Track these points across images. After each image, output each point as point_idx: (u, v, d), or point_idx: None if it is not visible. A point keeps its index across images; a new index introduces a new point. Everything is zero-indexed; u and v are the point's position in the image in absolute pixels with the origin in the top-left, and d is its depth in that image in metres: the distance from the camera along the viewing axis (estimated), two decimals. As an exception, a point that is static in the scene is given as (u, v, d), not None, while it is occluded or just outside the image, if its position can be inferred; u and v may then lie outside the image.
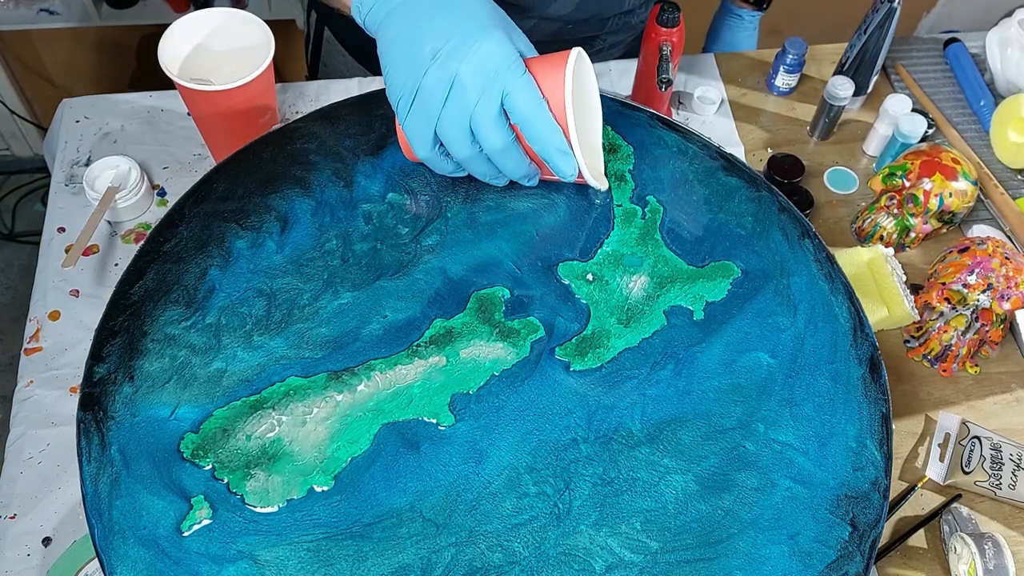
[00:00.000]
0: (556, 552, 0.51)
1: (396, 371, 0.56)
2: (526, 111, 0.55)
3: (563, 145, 0.56)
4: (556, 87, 0.56)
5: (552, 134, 0.56)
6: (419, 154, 0.59)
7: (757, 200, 0.66)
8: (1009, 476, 0.73)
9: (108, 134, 0.92)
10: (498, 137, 0.56)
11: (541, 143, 0.56)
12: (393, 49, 0.57)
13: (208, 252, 0.61)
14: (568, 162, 0.57)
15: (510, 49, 0.55)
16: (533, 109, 0.55)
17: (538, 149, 0.56)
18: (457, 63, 0.54)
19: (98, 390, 0.55)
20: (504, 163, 0.58)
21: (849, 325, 0.60)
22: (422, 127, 0.57)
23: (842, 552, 0.52)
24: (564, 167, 0.57)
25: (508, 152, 0.57)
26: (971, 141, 0.98)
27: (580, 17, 0.91)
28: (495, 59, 0.54)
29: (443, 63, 0.54)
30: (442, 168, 0.60)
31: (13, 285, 1.79)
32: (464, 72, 0.54)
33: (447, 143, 0.57)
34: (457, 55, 0.54)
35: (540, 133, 0.55)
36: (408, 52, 0.56)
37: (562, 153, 0.56)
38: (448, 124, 0.56)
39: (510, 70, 0.54)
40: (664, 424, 0.56)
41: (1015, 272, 0.79)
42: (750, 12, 1.13)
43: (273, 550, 0.50)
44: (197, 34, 0.81)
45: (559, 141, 0.56)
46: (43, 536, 0.68)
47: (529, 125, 0.55)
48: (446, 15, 0.56)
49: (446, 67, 0.54)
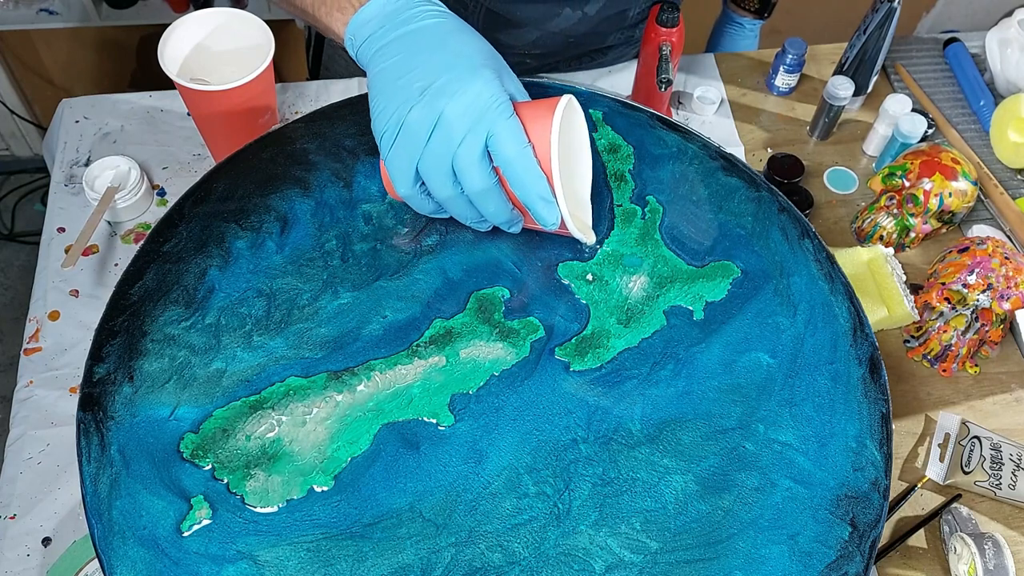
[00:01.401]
0: (556, 552, 0.51)
1: (396, 371, 0.56)
2: (509, 154, 0.53)
3: (546, 192, 0.54)
4: (543, 133, 0.54)
5: (535, 180, 0.54)
6: (400, 191, 0.57)
7: (757, 200, 0.66)
8: (1009, 476, 0.73)
9: (108, 134, 0.92)
10: (480, 179, 0.54)
11: (523, 188, 0.54)
12: (381, 83, 0.56)
13: (208, 252, 0.61)
14: (550, 210, 0.55)
15: (498, 90, 0.54)
16: (517, 153, 0.53)
17: (520, 194, 0.55)
18: (444, 101, 0.53)
19: (98, 390, 0.55)
20: (485, 206, 0.56)
21: (849, 325, 0.60)
22: (404, 163, 0.56)
23: (842, 552, 0.52)
24: (546, 215, 0.55)
25: (489, 195, 0.55)
26: (971, 141, 0.98)
27: (582, 31, 0.91)
28: (482, 99, 0.53)
29: (430, 100, 0.53)
30: (423, 208, 0.59)
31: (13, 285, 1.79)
32: (450, 110, 0.53)
33: (428, 182, 0.56)
34: (444, 93, 0.53)
35: (523, 178, 0.54)
36: (395, 87, 0.55)
37: (544, 201, 0.54)
38: (430, 162, 0.55)
39: (497, 111, 0.53)
40: (664, 424, 0.56)
41: (1015, 272, 0.79)
42: (751, 21, 1.14)
43: (273, 550, 0.50)
44: (197, 34, 0.81)
45: (542, 188, 0.54)
46: (43, 536, 0.68)
47: (512, 169, 0.54)
48: (437, 53, 0.55)
49: (432, 104, 0.53)
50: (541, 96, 0.71)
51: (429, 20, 0.57)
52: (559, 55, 0.96)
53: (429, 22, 0.57)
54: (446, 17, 0.58)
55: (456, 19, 0.59)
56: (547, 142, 0.54)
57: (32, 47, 1.73)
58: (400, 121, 0.54)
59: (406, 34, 0.57)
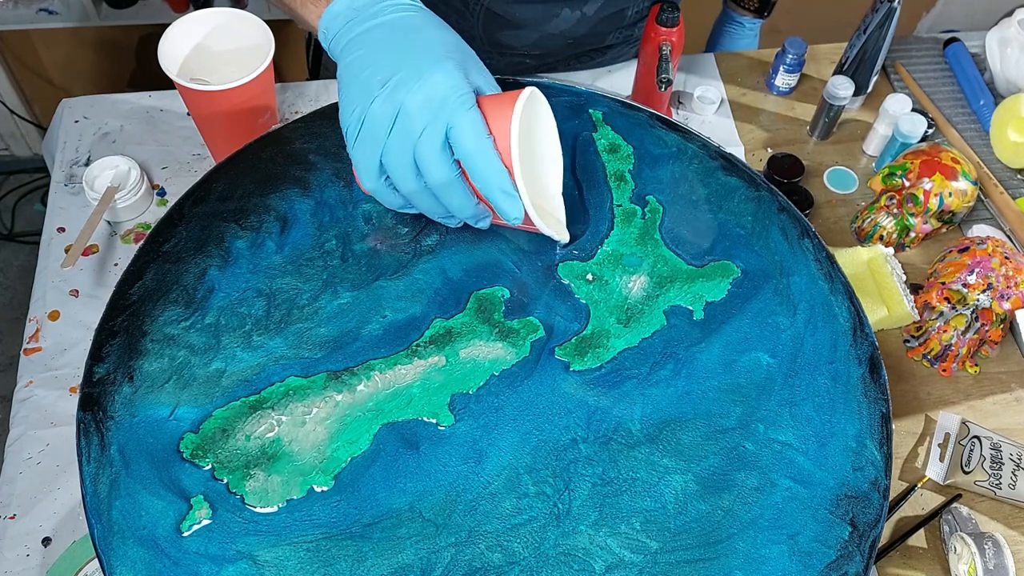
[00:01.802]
0: (556, 552, 0.51)
1: (396, 371, 0.56)
2: (469, 146, 0.53)
3: (507, 186, 0.53)
4: (503, 125, 0.53)
5: (496, 173, 0.53)
6: (366, 185, 0.57)
7: (757, 200, 0.66)
8: (1009, 476, 0.73)
9: (107, 134, 0.92)
10: (440, 171, 0.54)
11: (484, 181, 0.53)
12: (347, 77, 0.56)
13: (207, 252, 0.61)
14: (512, 204, 0.54)
15: (460, 82, 0.53)
16: (476, 145, 0.52)
17: (481, 187, 0.54)
18: (403, 93, 0.53)
19: (98, 390, 0.55)
20: (448, 200, 0.55)
21: (849, 325, 0.60)
22: (368, 157, 0.55)
23: (842, 552, 0.52)
24: (508, 209, 0.54)
25: (451, 188, 0.54)
26: (971, 141, 0.98)
27: (581, 31, 0.91)
28: (442, 91, 0.53)
29: (391, 92, 0.53)
30: (390, 201, 0.58)
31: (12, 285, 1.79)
32: (409, 102, 0.53)
33: (392, 175, 0.55)
34: (405, 85, 0.53)
35: (483, 171, 0.53)
36: (359, 81, 0.55)
37: (505, 194, 0.53)
38: (392, 155, 0.54)
39: (457, 103, 0.53)
40: (664, 424, 0.56)
41: (1015, 272, 0.79)
42: (751, 20, 1.14)
43: (273, 550, 0.50)
44: (197, 34, 0.81)
45: (503, 181, 0.53)
46: (43, 536, 0.68)
47: (472, 161, 0.53)
48: (401, 46, 0.55)
49: (393, 96, 0.53)
50: None
51: (396, 13, 0.57)
52: (558, 55, 0.96)
53: (396, 15, 0.57)
54: (415, 11, 0.58)
55: (426, 12, 0.59)
56: (507, 135, 0.53)
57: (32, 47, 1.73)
58: (363, 115, 0.54)
59: (373, 28, 0.57)
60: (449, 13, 0.89)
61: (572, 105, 0.71)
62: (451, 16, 0.90)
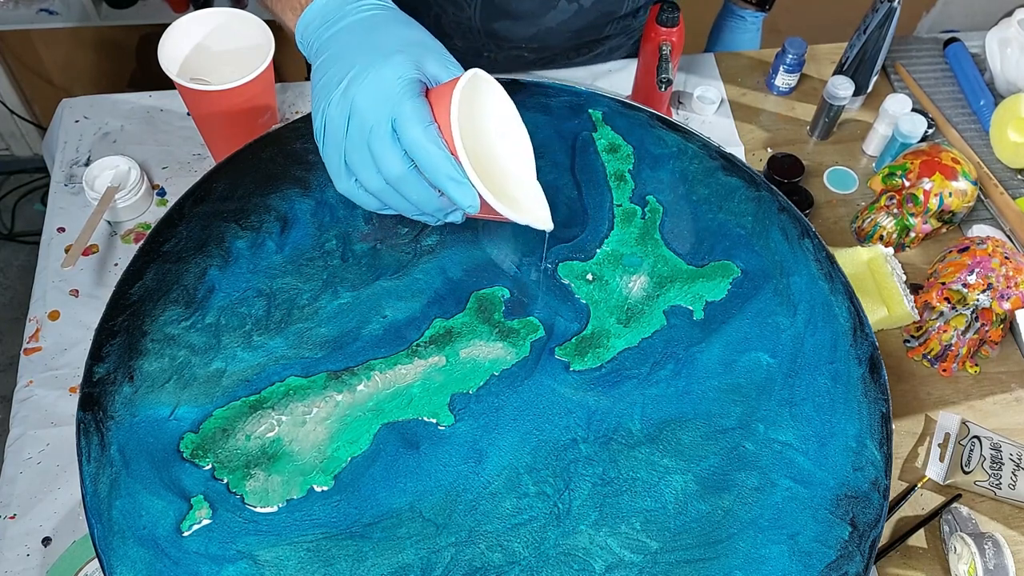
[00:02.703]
0: (556, 552, 0.51)
1: (396, 371, 0.56)
2: (412, 136, 0.52)
3: (454, 172, 0.52)
4: (446, 111, 0.52)
5: (440, 160, 0.51)
6: (339, 187, 0.57)
7: (757, 200, 0.66)
8: (1009, 476, 0.73)
9: (108, 134, 0.92)
10: (393, 165, 0.53)
11: (431, 170, 0.52)
12: (314, 82, 0.56)
13: (208, 252, 0.61)
14: (463, 192, 0.52)
15: (404, 73, 0.53)
16: (418, 134, 0.51)
17: (430, 176, 0.53)
18: (354, 90, 0.53)
19: (98, 390, 0.55)
20: (408, 193, 0.54)
21: (849, 325, 0.60)
22: (334, 158, 0.55)
23: (842, 552, 0.52)
24: (458, 196, 0.52)
25: (408, 181, 0.53)
26: (971, 141, 0.98)
27: (579, 24, 0.92)
28: (386, 84, 0.52)
29: (343, 91, 0.53)
30: (365, 202, 0.57)
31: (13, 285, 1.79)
32: (359, 99, 0.53)
33: (356, 174, 0.55)
34: (355, 83, 0.53)
35: (427, 159, 0.52)
36: (321, 84, 0.55)
37: (454, 181, 0.52)
38: (353, 154, 0.54)
39: (400, 95, 0.52)
40: (664, 424, 0.56)
41: (1015, 272, 0.79)
42: (752, 13, 1.13)
43: (273, 550, 0.50)
44: (197, 34, 0.81)
45: (448, 168, 0.51)
46: (43, 536, 0.68)
47: (416, 151, 0.52)
48: (358, 46, 0.55)
49: (346, 95, 0.53)
50: (540, 97, 0.71)
51: (361, 14, 0.57)
52: (557, 47, 0.96)
53: (360, 16, 0.57)
54: (381, 9, 0.58)
55: (391, 11, 0.58)
56: (448, 120, 0.51)
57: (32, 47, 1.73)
58: (324, 117, 0.55)
59: (338, 31, 0.57)
60: (447, 5, 0.89)
61: (572, 105, 0.71)
62: (448, 8, 0.89)
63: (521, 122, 0.57)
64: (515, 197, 0.57)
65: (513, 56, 0.96)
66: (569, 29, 0.92)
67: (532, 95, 0.71)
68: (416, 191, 0.54)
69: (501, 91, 0.56)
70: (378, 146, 0.53)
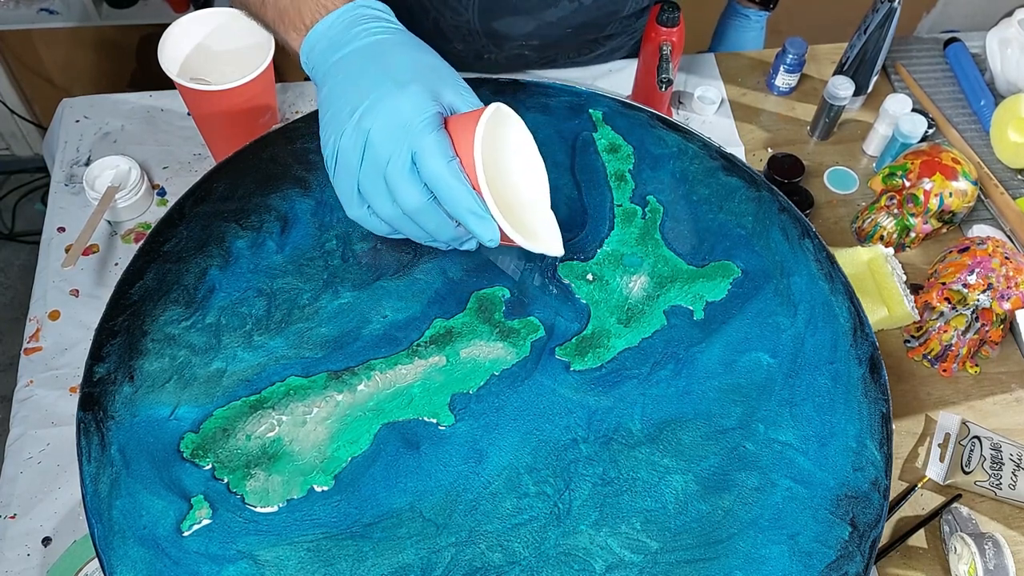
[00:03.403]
0: (556, 552, 0.51)
1: (396, 371, 0.56)
2: (433, 170, 0.51)
3: (476, 207, 0.52)
4: (469, 146, 0.51)
5: (462, 195, 0.51)
6: (350, 214, 0.57)
7: (757, 200, 0.66)
8: (1009, 476, 0.73)
9: (108, 134, 0.92)
10: (411, 197, 0.53)
11: (453, 204, 0.52)
12: (323, 108, 0.56)
13: (208, 252, 0.61)
14: (485, 226, 0.52)
15: (424, 105, 0.53)
16: (440, 168, 0.51)
17: (451, 210, 0.53)
18: (370, 122, 0.53)
19: (98, 390, 0.55)
20: (425, 224, 0.54)
21: (849, 325, 0.60)
22: (347, 187, 0.55)
23: (842, 552, 0.52)
24: (480, 231, 0.52)
25: (424, 213, 0.53)
26: (971, 141, 0.98)
27: (579, 21, 0.92)
28: (404, 116, 0.52)
29: (358, 122, 0.53)
30: (376, 228, 0.57)
31: (13, 285, 1.79)
32: (375, 131, 0.52)
33: (370, 203, 0.55)
34: (370, 114, 0.53)
35: (449, 194, 0.52)
36: (332, 112, 0.55)
37: (476, 216, 0.52)
38: (367, 184, 0.54)
39: (420, 128, 0.52)
40: (664, 424, 0.56)
41: (1015, 272, 0.79)
42: (757, 12, 1.13)
43: (273, 550, 0.50)
44: (197, 34, 0.81)
45: (470, 203, 0.51)
46: (43, 536, 0.68)
47: (437, 185, 0.52)
48: (369, 73, 0.55)
49: (360, 126, 0.53)
50: (540, 97, 0.71)
51: (369, 38, 0.56)
52: (557, 46, 0.96)
53: (368, 40, 0.56)
54: (389, 33, 0.57)
55: (400, 34, 0.58)
56: (471, 155, 0.51)
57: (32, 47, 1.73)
58: (336, 146, 0.54)
59: (345, 56, 0.56)
60: (443, 8, 0.89)
61: (572, 105, 0.71)
62: (446, 12, 0.89)
63: (537, 151, 0.58)
64: (530, 225, 0.58)
65: (513, 55, 0.96)
66: (569, 25, 0.92)
67: (532, 95, 0.71)
68: (433, 222, 0.54)
69: (519, 121, 0.56)
70: (396, 179, 0.52)
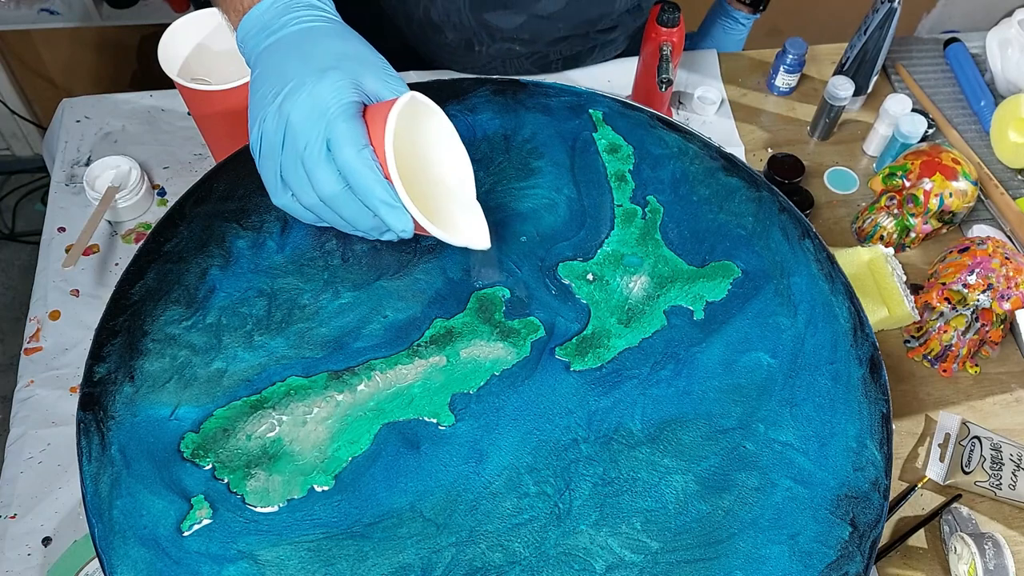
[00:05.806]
0: (556, 552, 0.51)
1: (396, 371, 0.56)
2: (345, 158, 0.51)
3: (387, 196, 0.51)
4: (382, 134, 0.51)
5: (373, 184, 0.51)
6: (276, 201, 0.56)
7: (757, 200, 0.66)
8: (1009, 476, 0.73)
9: (108, 134, 0.92)
10: (326, 184, 0.52)
11: (364, 192, 0.52)
12: (251, 94, 0.56)
13: (208, 252, 0.61)
14: (396, 216, 0.52)
15: (342, 91, 0.52)
16: (351, 156, 0.51)
17: (363, 198, 0.52)
18: (289, 106, 0.53)
19: (98, 390, 0.55)
20: (343, 211, 0.54)
21: (849, 325, 0.60)
22: (270, 173, 0.55)
23: (842, 552, 0.52)
24: (391, 220, 0.52)
25: (341, 200, 0.53)
26: (971, 141, 0.98)
27: (570, 16, 0.91)
28: (322, 103, 0.52)
29: (278, 107, 0.53)
30: (301, 215, 0.57)
31: (13, 285, 1.79)
32: (294, 116, 0.52)
33: (292, 189, 0.55)
34: (290, 99, 0.53)
35: (360, 181, 0.51)
36: (257, 97, 0.55)
37: (387, 206, 0.51)
38: (288, 170, 0.54)
39: (335, 114, 0.52)
40: (664, 424, 0.56)
41: (1015, 272, 0.79)
42: (746, 15, 1.14)
43: (273, 550, 0.50)
44: (197, 34, 0.81)
45: (381, 192, 0.51)
46: (43, 536, 0.68)
47: (348, 174, 0.52)
48: (293, 59, 0.55)
49: (281, 111, 0.53)
50: (540, 97, 0.71)
51: (298, 26, 0.56)
52: (548, 39, 0.95)
53: (298, 27, 0.56)
54: (321, 20, 0.57)
55: (331, 23, 0.57)
56: (383, 144, 0.51)
57: (33, 47, 1.73)
58: (260, 131, 0.54)
59: (275, 42, 0.56)
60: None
61: (572, 105, 0.71)
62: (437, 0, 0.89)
63: (460, 141, 0.57)
64: (453, 218, 0.57)
65: (504, 49, 0.96)
66: (560, 20, 0.92)
67: (532, 95, 0.71)
68: (350, 210, 0.54)
69: (440, 113, 0.56)
70: (311, 164, 0.52)
